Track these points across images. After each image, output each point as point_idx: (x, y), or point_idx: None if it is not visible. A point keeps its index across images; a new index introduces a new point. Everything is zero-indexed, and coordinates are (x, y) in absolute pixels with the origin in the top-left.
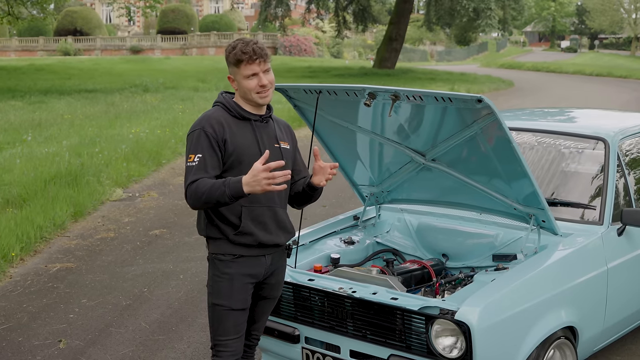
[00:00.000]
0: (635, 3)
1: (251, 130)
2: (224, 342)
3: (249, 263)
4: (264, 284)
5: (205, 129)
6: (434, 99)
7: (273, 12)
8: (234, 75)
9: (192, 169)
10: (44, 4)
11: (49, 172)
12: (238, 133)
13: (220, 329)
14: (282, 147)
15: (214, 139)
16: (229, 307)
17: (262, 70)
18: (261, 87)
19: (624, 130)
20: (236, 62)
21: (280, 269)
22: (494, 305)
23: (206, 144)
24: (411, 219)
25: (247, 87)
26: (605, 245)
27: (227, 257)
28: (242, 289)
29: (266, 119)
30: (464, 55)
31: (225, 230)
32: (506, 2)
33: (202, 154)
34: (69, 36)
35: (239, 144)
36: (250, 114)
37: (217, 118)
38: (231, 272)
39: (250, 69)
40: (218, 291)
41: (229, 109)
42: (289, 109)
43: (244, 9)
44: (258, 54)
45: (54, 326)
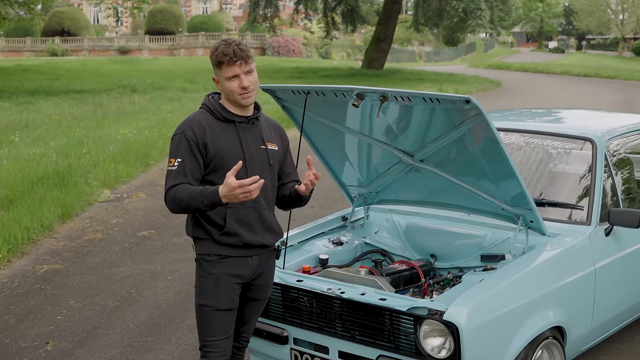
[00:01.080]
0: (622, 4)
1: (235, 132)
2: (211, 342)
3: (235, 263)
4: (252, 285)
5: (185, 133)
6: (422, 99)
7: (262, 13)
8: (217, 76)
9: (171, 173)
10: (31, 5)
11: (36, 173)
12: (221, 135)
13: (208, 329)
14: (269, 148)
15: (194, 143)
16: (216, 307)
17: (244, 72)
18: (242, 89)
19: (611, 130)
20: (218, 64)
21: (269, 270)
22: (483, 305)
23: (186, 149)
24: (399, 220)
25: (229, 89)
26: (592, 246)
27: (212, 257)
28: (229, 289)
29: (252, 120)
30: (452, 55)
31: (210, 231)
32: (494, 3)
33: (181, 158)
34: (57, 37)
35: (221, 146)
36: (234, 116)
37: (198, 121)
38: (217, 273)
39: (231, 70)
40: (204, 292)
41: (212, 112)
42: (277, 110)
43: (232, 10)
44: (239, 56)
45: (41, 328)
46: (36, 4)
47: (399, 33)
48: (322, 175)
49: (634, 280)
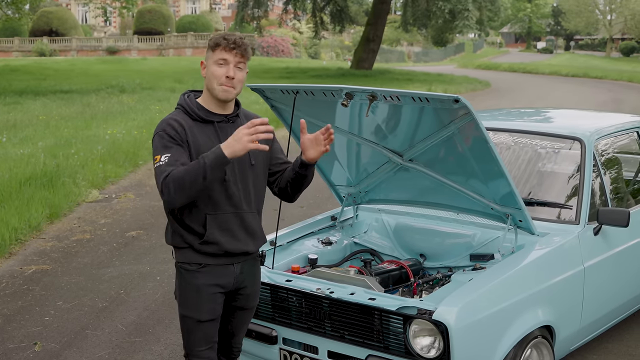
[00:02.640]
0: (610, 4)
1: (214, 133)
2: (196, 352)
3: (216, 272)
4: (239, 295)
5: (166, 131)
6: (411, 99)
7: (250, 13)
8: (206, 60)
9: (161, 167)
10: (19, 4)
11: (24, 173)
12: (200, 136)
13: (191, 339)
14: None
15: (178, 138)
16: (198, 318)
17: (235, 62)
18: (227, 78)
19: (599, 130)
20: (214, 45)
21: (254, 278)
22: (472, 305)
23: (171, 143)
24: (389, 219)
25: (214, 74)
26: (581, 245)
27: (193, 266)
28: (210, 299)
29: (232, 119)
30: (441, 56)
31: (189, 239)
32: (482, 3)
33: (169, 152)
34: (45, 37)
35: (200, 148)
36: (213, 115)
37: (177, 121)
38: (198, 283)
39: (222, 54)
40: (185, 302)
41: (189, 113)
42: (267, 110)
43: (221, 10)
44: (237, 45)
45: (29, 329)
46: (24, 3)
47: (387, 33)
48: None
49: (622, 279)
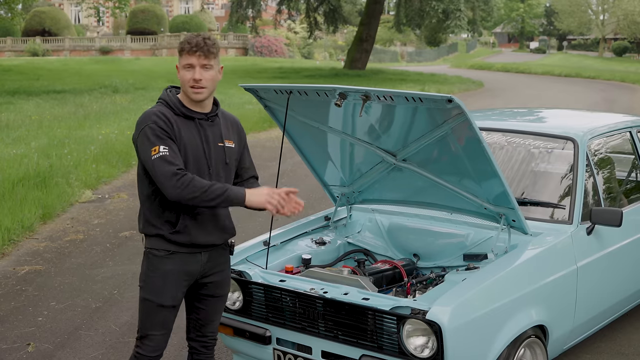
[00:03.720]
0: (602, 4)
1: (196, 129)
2: (149, 335)
3: (183, 259)
4: (208, 283)
5: (157, 123)
6: (404, 99)
7: (244, 13)
8: (179, 64)
9: (165, 157)
10: (12, 4)
11: (17, 173)
12: (184, 131)
13: (148, 322)
14: (227, 145)
15: (170, 131)
16: (159, 303)
17: (200, 64)
18: (194, 81)
19: (592, 130)
20: (180, 50)
21: (222, 266)
22: (465, 304)
23: (164, 135)
24: (382, 219)
25: (182, 78)
26: (574, 244)
27: (161, 252)
28: (175, 285)
29: (212, 118)
30: (434, 56)
31: (162, 228)
32: (475, 4)
33: (166, 145)
34: (37, 36)
35: (185, 143)
36: (194, 112)
37: (163, 114)
38: (165, 269)
39: (187, 59)
40: (150, 286)
41: (171, 107)
42: (260, 110)
43: (214, 10)
44: (200, 47)
45: (22, 329)
46: (17, 3)
47: (381, 33)
48: (305, 174)
49: (615, 279)
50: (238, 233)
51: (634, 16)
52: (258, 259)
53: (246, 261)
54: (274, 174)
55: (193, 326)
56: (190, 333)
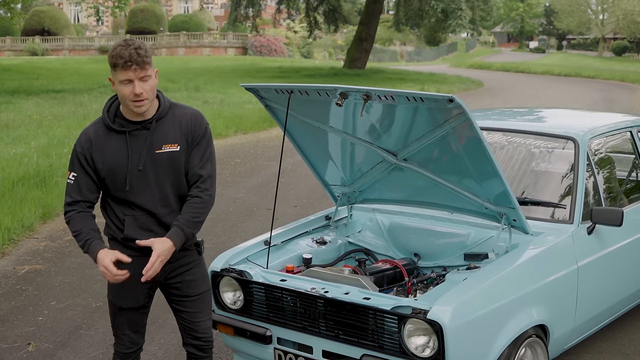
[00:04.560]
0: (602, 4)
1: (124, 142)
2: (119, 334)
3: (140, 263)
4: (177, 283)
5: (76, 147)
6: (405, 98)
7: (243, 13)
8: (113, 79)
9: (68, 186)
10: (11, 4)
11: (17, 173)
12: (108, 147)
13: (115, 322)
14: (167, 151)
15: (83, 158)
16: (119, 305)
17: (138, 77)
18: (135, 96)
19: (593, 129)
20: (113, 65)
21: (189, 266)
22: (466, 304)
23: (77, 164)
24: (383, 219)
25: (122, 93)
26: (575, 244)
27: None
28: (133, 288)
29: (147, 125)
30: (433, 55)
31: (115, 232)
32: (475, 3)
33: (76, 173)
34: (37, 36)
35: (107, 159)
36: (128, 124)
37: (88, 134)
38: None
39: (124, 74)
40: (111, 288)
41: (104, 122)
42: (260, 109)
43: (213, 9)
44: (134, 60)
45: (22, 329)
46: (16, 3)
47: (380, 33)
48: (306, 174)
49: (616, 278)
50: (238, 232)
51: (633, 16)
52: (259, 258)
53: (247, 261)
54: (275, 173)
55: (183, 330)
56: (183, 338)
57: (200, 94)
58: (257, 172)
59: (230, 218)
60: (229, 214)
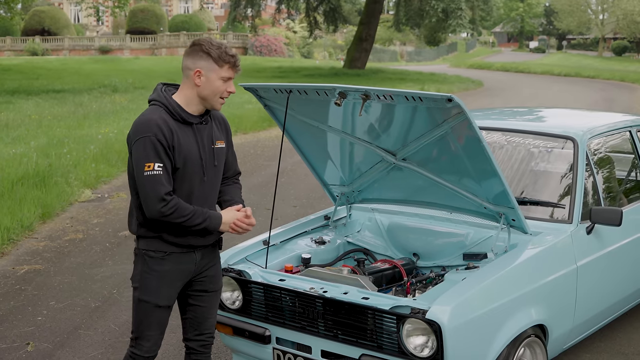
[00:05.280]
0: (602, 4)
1: (193, 135)
2: (146, 335)
3: (178, 259)
4: (202, 278)
5: (157, 137)
6: (404, 98)
7: (243, 12)
8: (207, 71)
9: (158, 178)
10: (11, 4)
11: (17, 173)
12: (183, 138)
13: (145, 323)
14: (217, 147)
15: (164, 147)
16: (156, 304)
17: (233, 78)
18: (228, 93)
19: (592, 129)
20: (221, 60)
21: (214, 261)
22: (465, 304)
23: (163, 152)
24: (382, 219)
25: (218, 89)
26: (574, 244)
27: (157, 254)
28: (171, 286)
29: (206, 120)
30: (433, 55)
31: (157, 229)
32: (475, 3)
33: (162, 163)
34: (37, 36)
35: (184, 150)
36: (192, 117)
37: (165, 123)
38: (161, 270)
39: (230, 72)
40: (146, 287)
41: (171, 112)
42: (259, 109)
43: (213, 9)
44: (239, 64)
45: (21, 329)
46: (16, 2)
47: (380, 33)
48: (305, 174)
49: (615, 278)
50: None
51: (633, 16)
52: (257, 258)
53: (246, 260)
54: (274, 173)
55: (190, 326)
56: (187, 334)
57: None
58: (257, 171)
59: None
60: None
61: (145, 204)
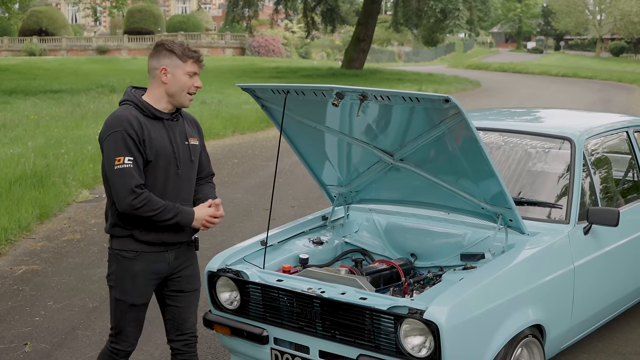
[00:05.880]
0: (599, 4)
1: (164, 130)
2: (126, 331)
3: (151, 259)
4: (177, 278)
5: (127, 131)
6: (401, 98)
7: (240, 13)
8: (172, 67)
9: (128, 171)
10: (9, 4)
11: (14, 173)
12: (153, 132)
13: (123, 320)
14: (191, 143)
15: (138, 140)
16: (132, 302)
17: (198, 73)
18: (195, 88)
19: (589, 130)
20: (183, 57)
21: (190, 261)
22: (462, 304)
23: (133, 146)
24: (380, 219)
25: (185, 84)
26: (571, 244)
27: (129, 253)
28: (145, 284)
29: (176, 117)
30: (431, 56)
31: (130, 228)
32: (473, 3)
33: (132, 156)
34: (34, 36)
35: (156, 143)
36: (162, 113)
37: (135, 118)
38: (135, 270)
39: (194, 67)
40: (121, 287)
41: (141, 109)
42: (257, 109)
43: (211, 9)
44: (202, 59)
45: (19, 329)
46: (14, 3)
47: (378, 33)
48: (303, 174)
49: (612, 278)
50: (235, 233)
51: (630, 16)
52: (255, 258)
53: (243, 261)
54: (272, 173)
55: (171, 327)
56: (170, 335)
57: (197, 94)
58: (255, 172)
59: (227, 218)
60: (226, 214)
61: (117, 198)
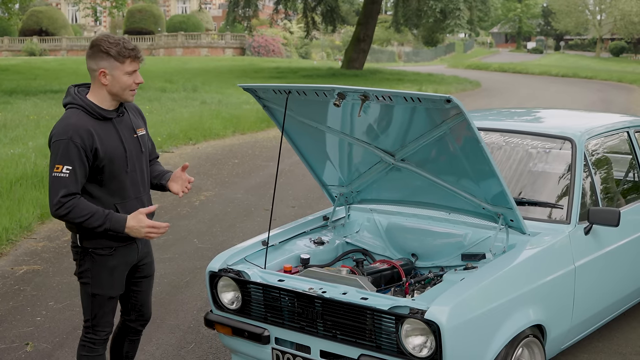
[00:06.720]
0: (599, 5)
1: (114, 130)
2: (103, 322)
3: (124, 252)
4: (142, 265)
5: (73, 140)
6: (403, 99)
7: (241, 13)
8: (111, 69)
9: (62, 180)
10: (9, 4)
11: (15, 173)
12: (105, 137)
13: (101, 312)
14: (139, 135)
15: (83, 150)
16: (110, 295)
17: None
18: (136, 85)
19: (590, 130)
20: (119, 57)
21: (148, 247)
22: (463, 304)
23: (76, 155)
24: (381, 219)
25: (126, 83)
26: (572, 244)
27: (105, 250)
28: (121, 276)
29: (122, 112)
30: (431, 56)
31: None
32: (473, 3)
33: (71, 165)
34: (35, 36)
35: (108, 148)
36: (109, 112)
37: (84, 126)
38: (111, 265)
39: (133, 65)
40: (99, 283)
41: (89, 112)
42: (258, 109)
43: (211, 10)
44: (140, 55)
45: (20, 329)
46: (14, 3)
47: (378, 33)
48: (303, 174)
49: (613, 278)
50: (236, 233)
51: (630, 16)
52: (257, 258)
53: (245, 261)
54: (273, 173)
55: (132, 309)
56: (129, 315)
57: (198, 95)
58: (255, 172)
59: (228, 218)
60: (227, 214)
61: (50, 205)
